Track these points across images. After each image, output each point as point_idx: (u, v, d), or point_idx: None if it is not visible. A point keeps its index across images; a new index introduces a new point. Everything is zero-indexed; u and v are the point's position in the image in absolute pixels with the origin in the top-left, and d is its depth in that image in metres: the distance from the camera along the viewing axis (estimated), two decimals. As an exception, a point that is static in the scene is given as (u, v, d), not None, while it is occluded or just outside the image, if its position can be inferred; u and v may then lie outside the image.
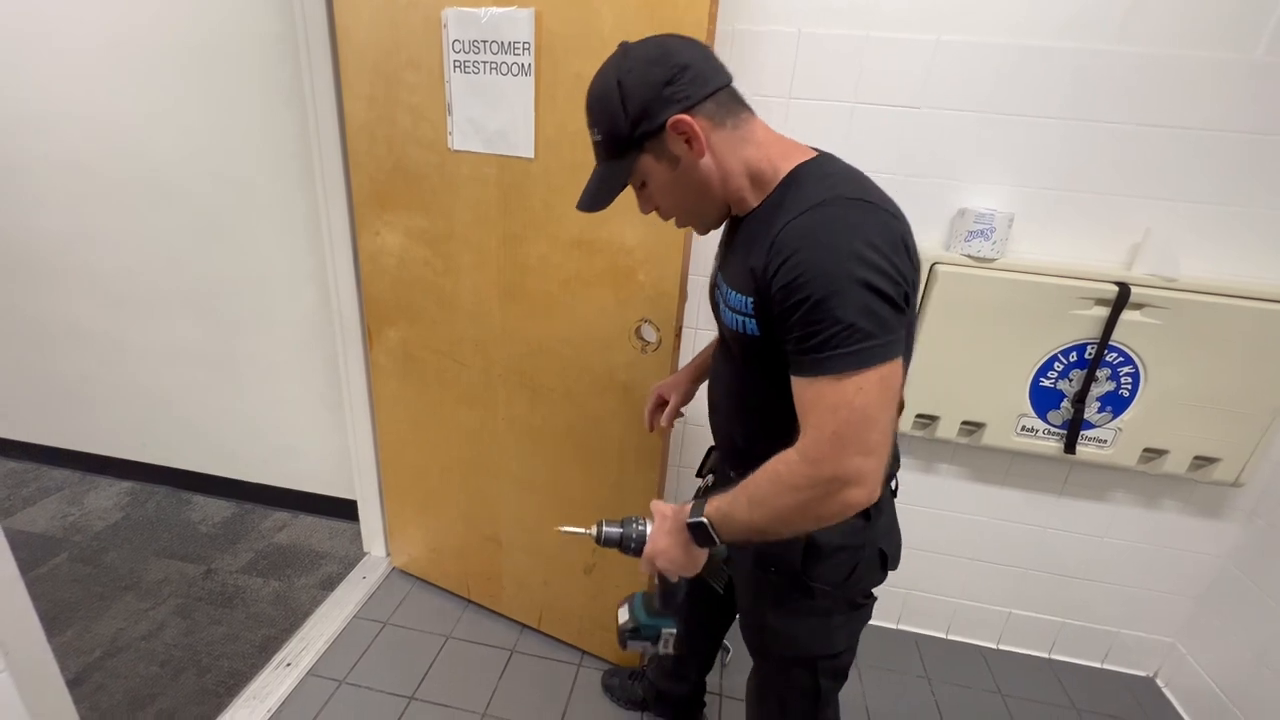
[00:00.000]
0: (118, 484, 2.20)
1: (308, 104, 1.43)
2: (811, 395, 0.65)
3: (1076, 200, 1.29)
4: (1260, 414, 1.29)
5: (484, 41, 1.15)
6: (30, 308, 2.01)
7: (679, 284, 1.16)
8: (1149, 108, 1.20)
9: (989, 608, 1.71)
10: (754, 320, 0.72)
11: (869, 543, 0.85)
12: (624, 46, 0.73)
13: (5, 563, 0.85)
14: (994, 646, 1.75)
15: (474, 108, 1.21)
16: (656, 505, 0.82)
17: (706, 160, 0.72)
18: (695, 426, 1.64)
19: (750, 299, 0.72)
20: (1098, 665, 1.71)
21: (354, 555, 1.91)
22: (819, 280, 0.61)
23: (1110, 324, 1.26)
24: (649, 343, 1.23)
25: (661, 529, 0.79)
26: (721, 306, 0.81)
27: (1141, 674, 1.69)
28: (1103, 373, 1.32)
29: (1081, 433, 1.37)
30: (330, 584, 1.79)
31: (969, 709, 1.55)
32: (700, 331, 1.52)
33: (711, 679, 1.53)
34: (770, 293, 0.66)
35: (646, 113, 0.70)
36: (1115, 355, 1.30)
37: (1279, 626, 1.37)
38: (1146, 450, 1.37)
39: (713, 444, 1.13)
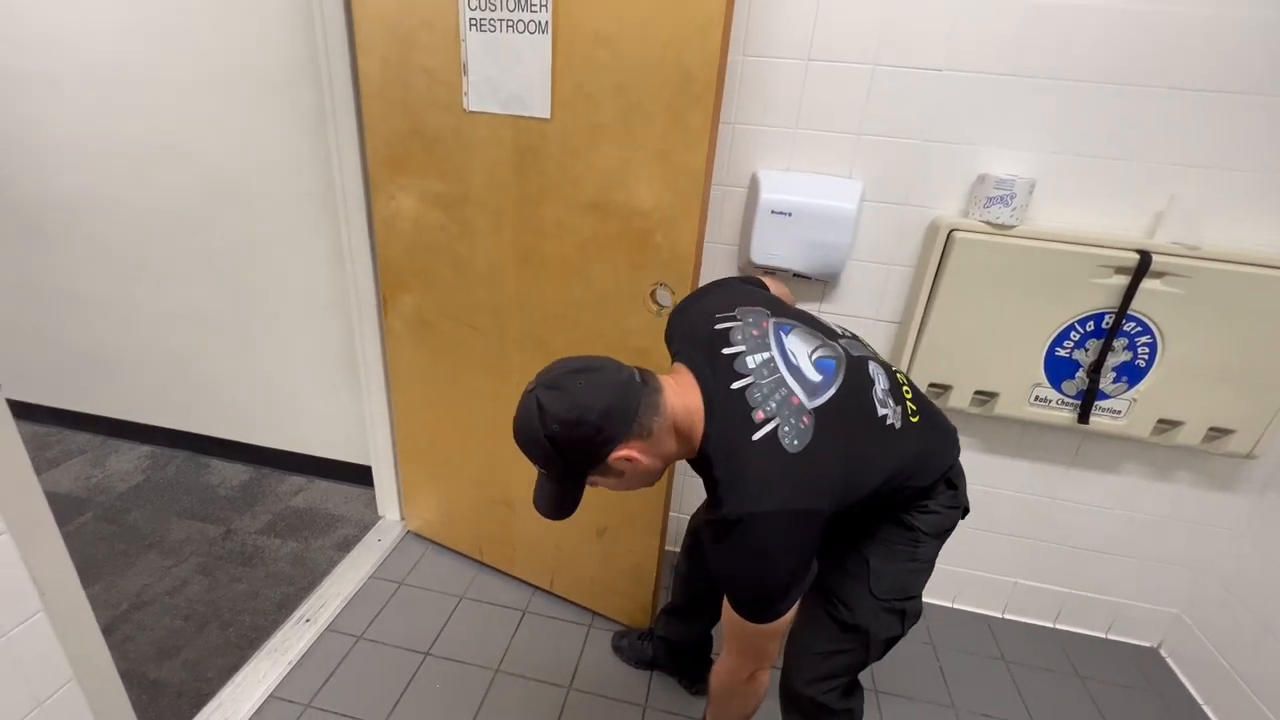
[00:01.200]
0: (138, 448, 2.24)
1: (322, 66, 1.42)
2: (728, 620, 0.85)
3: (1100, 166, 1.27)
4: (1277, 384, 1.28)
5: (500, -2, 1.14)
6: (52, 274, 2.03)
7: (695, 247, 1.16)
8: (1178, 70, 1.17)
9: (996, 578, 1.72)
10: None
11: (961, 503, 0.98)
12: (536, 401, 0.78)
13: (40, 507, 0.88)
14: (999, 616, 1.77)
15: (490, 67, 1.20)
16: None
17: (647, 462, 0.81)
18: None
19: None
20: (1102, 635, 1.72)
21: (369, 519, 1.95)
22: (736, 588, 0.82)
23: (1130, 293, 1.25)
24: (664, 306, 1.23)
25: None
26: None
27: (1146, 644, 1.71)
28: (1120, 343, 1.31)
29: (1096, 403, 1.37)
30: (346, 546, 1.84)
31: (973, 675, 1.57)
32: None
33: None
34: None
35: (587, 459, 0.79)
36: (1133, 325, 1.29)
37: (1287, 598, 1.38)
38: (1161, 421, 1.37)
39: None
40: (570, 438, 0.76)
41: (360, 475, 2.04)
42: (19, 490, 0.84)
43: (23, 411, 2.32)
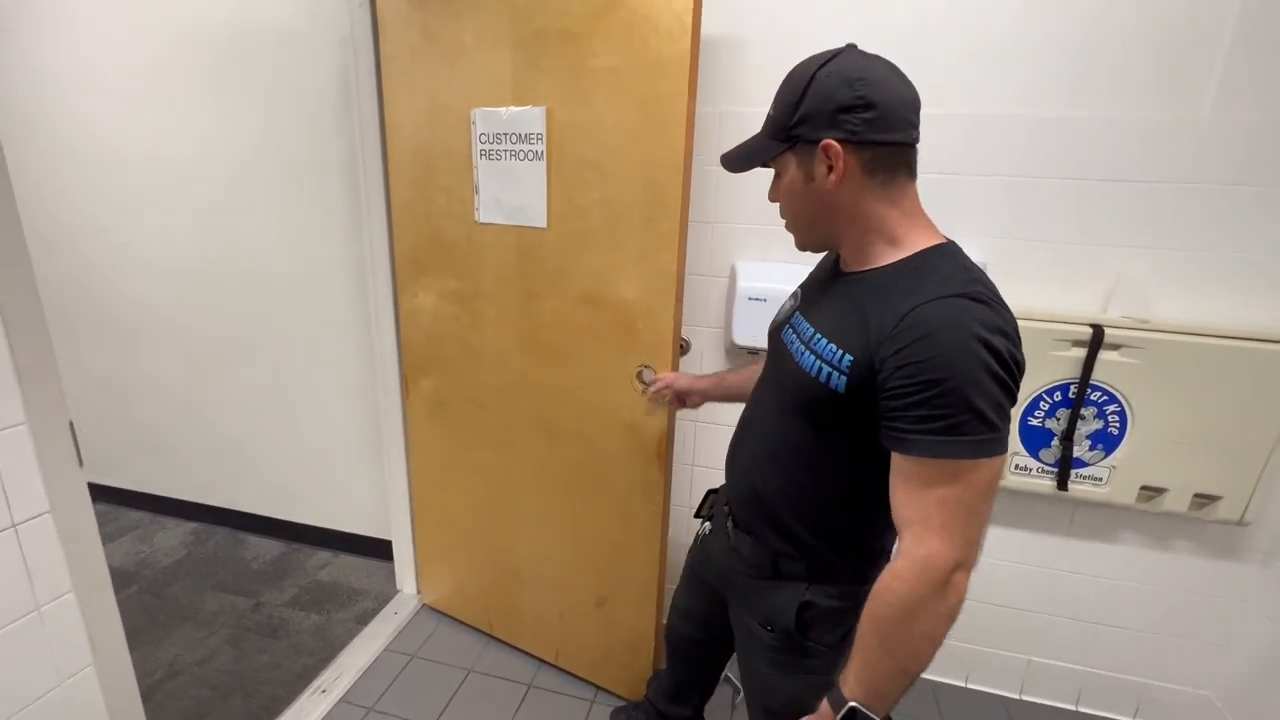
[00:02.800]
0: (184, 524, 2.43)
1: (360, 186, 1.68)
2: (920, 478, 0.67)
3: (1046, 249, 1.39)
4: (1255, 451, 1.31)
5: (505, 134, 1.38)
6: (119, 365, 2.31)
7: (673, 334, 1.30)
8: (1106, 164, 1.31)
9: (1008, 655, 1.69)
10: (844, 378, 0.73)
11: (860, 604, 0.80)
12: (841, 50, 0.75)
13: (102, 574, 1.03)
14: (1016, 697, 1.71)
15: (497, 187, 1.42)
16: None
17: (837, 195, 0.75)
18: (698, 468, 1.74)
19: (850, 356, 0.73)
20: (1130, 720, 1.65)
21: (388, 593, 2.05)
22: (956, 367, 0.64)
23: (1089, 364, 1.33)
24: (649, 385, 1.37)
25: None
26: (797, 347, 0.82)
27: (1179, 731, 1.62)
28: (1089, 411, 1.37)
29: (1074, 471, 1.41)
30: (365, 619, 1.93)
31: (988, 760, 1.52)
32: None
33: (722, 716, 1.57)
34: (885, 363, 0.68)
35: (811, 120, 0.73)
36: (1099, 394, 1.36)
37: (1309, 675, 1.34)
38: (1144, 488, 1.39)
39: (713, 487, 1.23)
40: (828, 88, 0.72)
41: (383, 550, 2.16)
42: (87, 558, 0.99)
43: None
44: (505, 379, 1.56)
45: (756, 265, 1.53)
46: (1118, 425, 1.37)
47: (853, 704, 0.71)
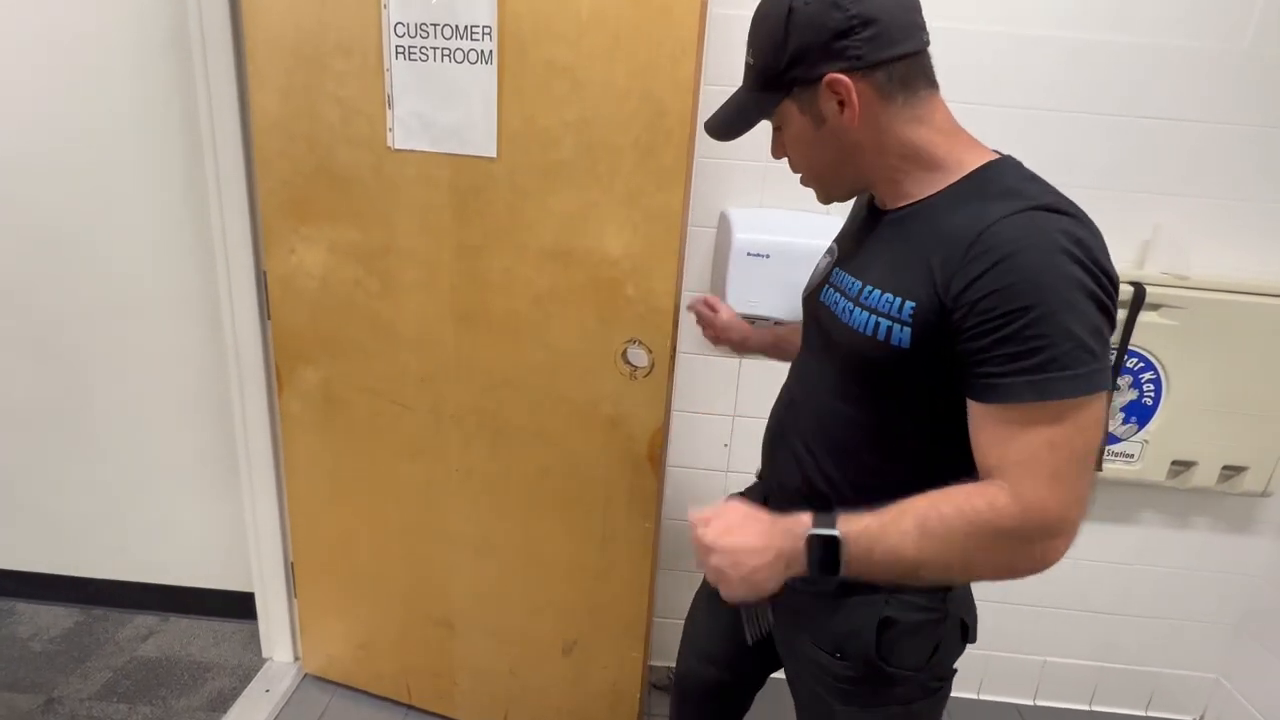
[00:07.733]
0: (-96, 596, 1.98)
1: (199, 93, 1.42)
2: (1019, 424, 0.65)
3: (1077, 195, 1.45)
4: (1281, 416, 1.49)
5: (434, 25, 1.20)
6: None
7: (673, 298, 1.22)
8: (1149, 100, 1.40)
9: (1022, 657, 1.82)
10: (907, 329, 0.72)
11: (950, 614, 0.85)
12: None
13: None
14: (1031, 703, 1.86)
15: (421, 100, 1.25)
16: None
17: (857, 131, 0.75)
18: (692, 470, 1.69)
19: (911, 303, 0.72)
20: (1142, 713, 1.85)
21: (250, 663, 1.81)
22: (1045, 289, 0.63)
23: (1129, 327, 1.42)
24: (638, 368, 1.28)
25: (752, 530, 0.72)
26: (843, 306, 0.82)
27: (1189, 718, 1.84)
28: (1124, 380, 1.48)
29: (1108, 448, 1.52)
30: (222, 703, 1.68)
31: (1013, 777, 1.63)
32: (695, 356, 1.59)
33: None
34: (959, 300, 0.67)
35: (805, 58, 0.73)
36: (1135, 361, 1.47)
37: (1322, 647, 1.55)
38: (1175, 463, 1.54)
39: (734, 494, 1.16)
40: (814, 17, 0.71)
41: (235, 606, 1.90)
42: None
43: None
44: (432, 364, 1.40)
45: (754, 212, 1.49)
46: (1153, 395, 1.49)
47: (838, 535, 0.68)
